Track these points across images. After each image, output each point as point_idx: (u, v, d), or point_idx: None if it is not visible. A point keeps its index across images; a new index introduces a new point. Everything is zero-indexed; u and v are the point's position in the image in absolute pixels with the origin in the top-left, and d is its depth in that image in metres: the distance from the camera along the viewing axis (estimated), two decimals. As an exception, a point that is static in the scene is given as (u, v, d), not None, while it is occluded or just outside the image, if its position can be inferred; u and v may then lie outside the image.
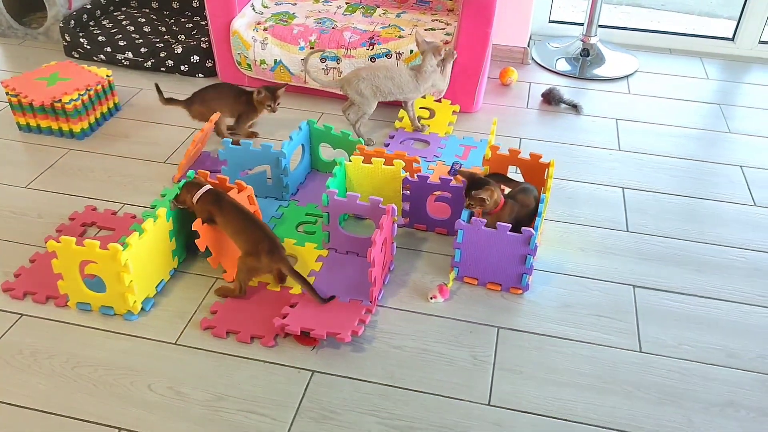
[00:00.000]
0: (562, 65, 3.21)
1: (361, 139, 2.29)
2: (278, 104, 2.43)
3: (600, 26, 3.31)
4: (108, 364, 1.68)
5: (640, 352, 1.75)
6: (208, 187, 1.88)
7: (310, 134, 2.34)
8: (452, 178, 2.04)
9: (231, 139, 2.21)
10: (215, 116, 2.33)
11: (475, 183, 1.88)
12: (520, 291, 1.92)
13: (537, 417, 1.58)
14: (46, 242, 2.02)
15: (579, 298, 1.91)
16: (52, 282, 1.86)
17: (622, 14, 4.00)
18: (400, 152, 2.13)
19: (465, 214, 1.90)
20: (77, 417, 1.55)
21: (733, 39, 3.36)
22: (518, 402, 1.61)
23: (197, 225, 1.82)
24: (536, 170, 2.13)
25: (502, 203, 1.89)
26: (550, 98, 2.89)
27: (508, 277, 1.91)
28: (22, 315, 1.81)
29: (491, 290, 1.93)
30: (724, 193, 2.36)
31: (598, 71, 3.16)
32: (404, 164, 2.08)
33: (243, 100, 2.46)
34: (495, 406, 1.60)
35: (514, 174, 2.24)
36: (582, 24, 3.26)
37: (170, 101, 2.48)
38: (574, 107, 2.86)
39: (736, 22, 3.33)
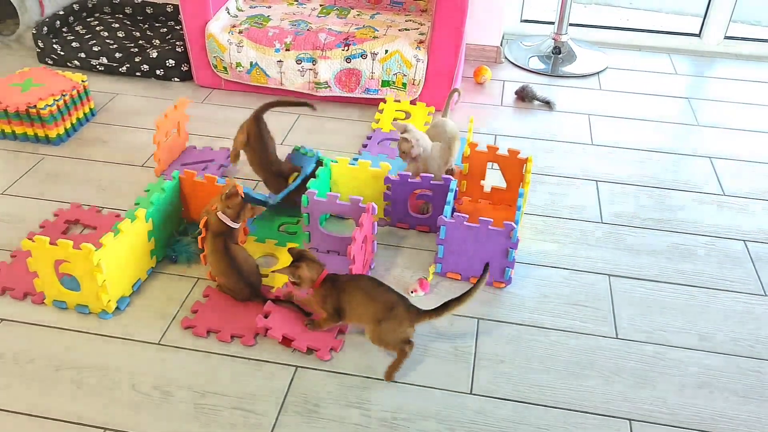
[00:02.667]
0: (535, 63, 3.26)
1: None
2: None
3: (570, 25, 3.37)
4: (91, 365, 1.68)
5: (617, 338, 1.79)
6: (234, 226, 1.84)
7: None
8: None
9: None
10: (181, 103, 2.31)
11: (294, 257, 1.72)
12: (503, 285, 1.95)
13: (518, 404, 1.61)
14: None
15: (556, 289, 1.95)
16: (29, 279, 1.86)
17: (592, 13, 4.08)
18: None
19: (447, 210, 1.93)
20: (63, 419, 1.55)
21: (699, 35, 3.44)
22: (499, 390, 1.64)
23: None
24: (515, 166, 2.17)
25: (320, 280, 1.70)
26: (524, 95, 2.94)
27: (491, 271, 1.94)
28: (2, 320, 1.80)
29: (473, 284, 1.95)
30: (694, 183, 2.43)
31: (570, 68, 3.22)
32: (390, 167, 2.10)
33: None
34: (477, 395, 1.63)
35: (492, 170, 2.29)
36: (553, 23, 3.32)
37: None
38: (547, 104, 2.91)
39: (702, 19, 3.42)
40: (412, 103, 2.82)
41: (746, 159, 2.58)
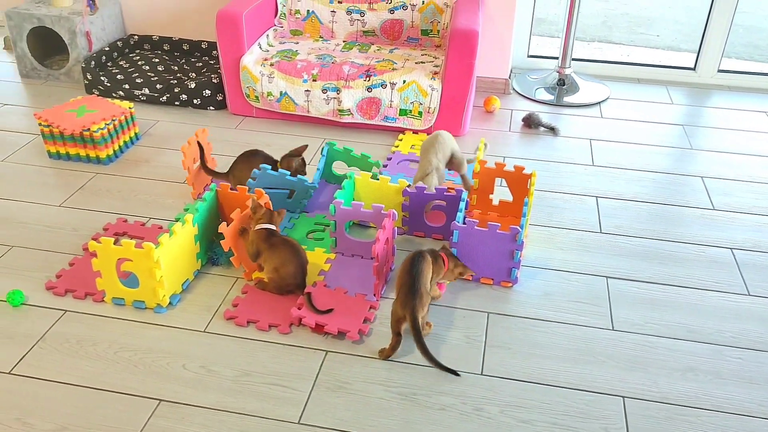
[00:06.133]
0: (541, 94, 3.52)
1: (378, 161, 2.59)
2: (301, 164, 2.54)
3: (574, 59, 3.65)
4: (146, 349, 1.91)
5: (612, 330, 2.00)
6: (273, 227, 2.09)
7: (329, 155, 2.60)
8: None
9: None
10: (201, 131, 2.56)
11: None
12: (510, 284, 2.17)
13: (522, 383, 1.81)
14: (83, 248, 2.27)
15: (559, 288, 2.16)
16: (89, 281, 2.10)
17: (594, 50, 4.36)
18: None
19: (460, 217, 2.16)
20: (123, 392, 1.77)
21: (694, 68, 3.70)
22: (506, 371, 1.85)
23: (223, 228, 2.06)
24: (520, 181, 2.40)
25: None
26: (530, 122, 3.19)
27: (499, 272, 2.16)
28: (66, 311, 2.03)
29: (484, 284, 2.17)
30: (687, 199, 2.65)
31: (573, 99, 3.48)
32: (408, 183, 2.34)
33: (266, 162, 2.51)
34: (487, 375, 1.83)
35: (500, 187, 2.53)
36: (557, 58, 3.60)
37: (212, 173, 2.59)
38: (552, 130, 3.16)
39: (696, 54, 3.68)
40: (429, 133, 3.08)
41: (734, 178, 2.80)
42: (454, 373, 1.82)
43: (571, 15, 3.46)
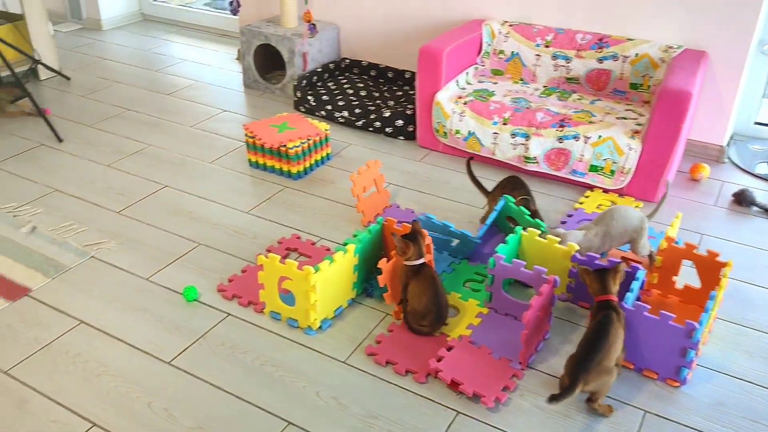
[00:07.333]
0: (762, 168, 3.11)
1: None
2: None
3: (811, 133, 3.18)
4: (288, 367, 1.98)
5: (796, 467, 1.68)
6: (422, 261, 2.09)
7: (502, 210, 2.49)
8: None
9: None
10: (373, 163, 2.61)
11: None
12: (678, 384, 1.92)
13: (669, 504, 1.59)
14: (256, 258, 2.43)
15: (736, 400, 1.87)
16: (255, 291, 2.23)
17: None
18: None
19: (629, 298, 1.96)
20: (257, 405, 1.85)
21: None
22: (652, 485, 1.63)
23: (382, 263, 2.08)
24: (711, 268, 2.13)
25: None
26: (742, 199, 2.83)
27: (665, 367, 1.92)
28: (228, 314, 2.18)
29: (646, 376, 1.95)
30: None
31: (802, 179, 3.03)
32: (578, 248, 2.18)
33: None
34: (627, 484, 1.64)
35: (690, 268, 2.26)
36: (790, 129, 3.16)
37: (480, 187, 2.69)
38: (767, 212, 2.76)
39: None
40: (621, 195, 2.86)
41: None
42: None
43: (815, 83, 3.02)
